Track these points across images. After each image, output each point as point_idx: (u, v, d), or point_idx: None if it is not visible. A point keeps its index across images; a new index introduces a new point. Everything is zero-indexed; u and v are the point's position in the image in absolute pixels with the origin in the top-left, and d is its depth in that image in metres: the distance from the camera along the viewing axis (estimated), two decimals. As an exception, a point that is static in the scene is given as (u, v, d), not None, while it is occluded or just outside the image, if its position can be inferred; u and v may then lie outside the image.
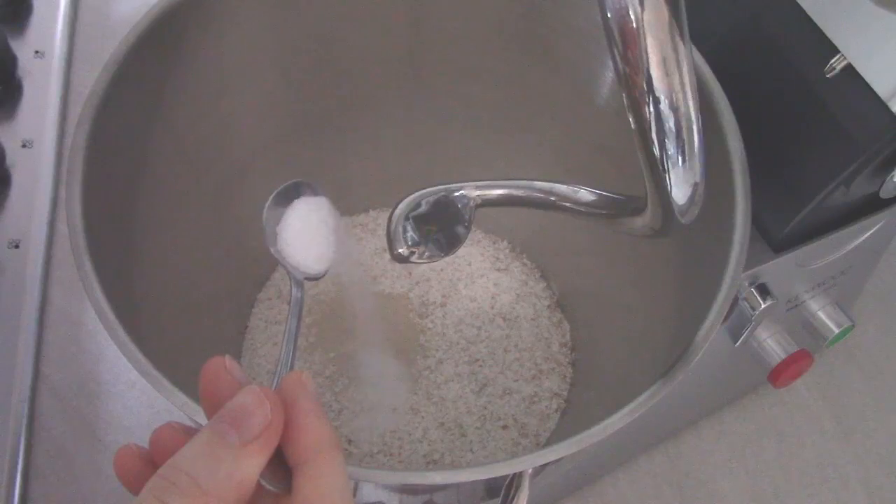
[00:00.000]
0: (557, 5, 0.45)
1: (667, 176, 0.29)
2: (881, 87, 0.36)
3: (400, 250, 0.37)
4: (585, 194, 0.36)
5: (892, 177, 0.39)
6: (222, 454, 0.25)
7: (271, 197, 0.38)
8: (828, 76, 0.37)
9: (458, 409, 0.50)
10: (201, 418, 0.32)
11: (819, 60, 0.37)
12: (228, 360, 0.27)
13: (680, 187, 0.29)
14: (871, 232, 0.45)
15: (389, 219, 0.38)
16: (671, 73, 0.27)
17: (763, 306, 0.42)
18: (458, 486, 0.33)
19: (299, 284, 0.37)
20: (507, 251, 0.56)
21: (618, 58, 0.27)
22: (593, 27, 0.44)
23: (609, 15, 0.26)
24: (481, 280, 0.55)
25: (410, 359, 0.52)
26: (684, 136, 0.28)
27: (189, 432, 0.27)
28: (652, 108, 0.27)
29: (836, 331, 0.48)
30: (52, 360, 0.54)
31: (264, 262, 0.54)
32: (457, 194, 0.38)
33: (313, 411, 0.26)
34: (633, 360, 0.45)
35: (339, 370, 0.51)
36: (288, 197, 0.39)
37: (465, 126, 0.53)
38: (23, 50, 0.64)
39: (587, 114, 0.47)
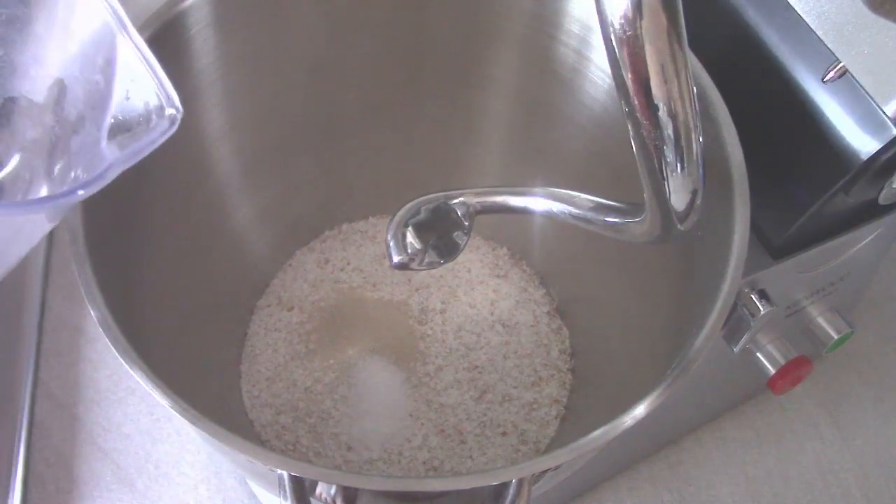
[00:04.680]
0: (556, 13, 0.45)
1: (665, 183, 0.29)
2: (879, 94, 0.36)
3: (399, 257, 0.37)
4: (584, 201, 0.36)
5: (891, 183, 0.39)
6: None
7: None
8: (825, 83, 0.37)
9: (458, 415, 0.50)
10: (202, 426, 0.32)
11: (817, 67, 0.37)
12: None
13: (679, 194, 0.30)
14: (871, 238, 0.45)
15: (389, 225, 0.38)
16: (670, 80, 0.27)
17: (762, 312, 0.42)
18: (458, 492, 0.33)
19: None
20: (507, 258, 0.56)
21: (616, 65, 0.27)
22: (592, 34, 0.44)
23: (608, 22, 0.26)
24: (481, 287, 0.55)
25: (410, 365, 0.52)
26: (683, 143, 0.28)
27: None
28: (651, 116, 0.27)
29: (836, 337, 0.48)
30: (52, 367, 0.54)
31: (263, 270, 0.54)
32: (456, 201, 0.38)
33: None
34: (632, 366, 0.45)
35: (339, 377, 0.51)
36: None
37: (464, 133, 0.53)
38: (23, 57, 0.64)
39: (586, 121, 0.47)
